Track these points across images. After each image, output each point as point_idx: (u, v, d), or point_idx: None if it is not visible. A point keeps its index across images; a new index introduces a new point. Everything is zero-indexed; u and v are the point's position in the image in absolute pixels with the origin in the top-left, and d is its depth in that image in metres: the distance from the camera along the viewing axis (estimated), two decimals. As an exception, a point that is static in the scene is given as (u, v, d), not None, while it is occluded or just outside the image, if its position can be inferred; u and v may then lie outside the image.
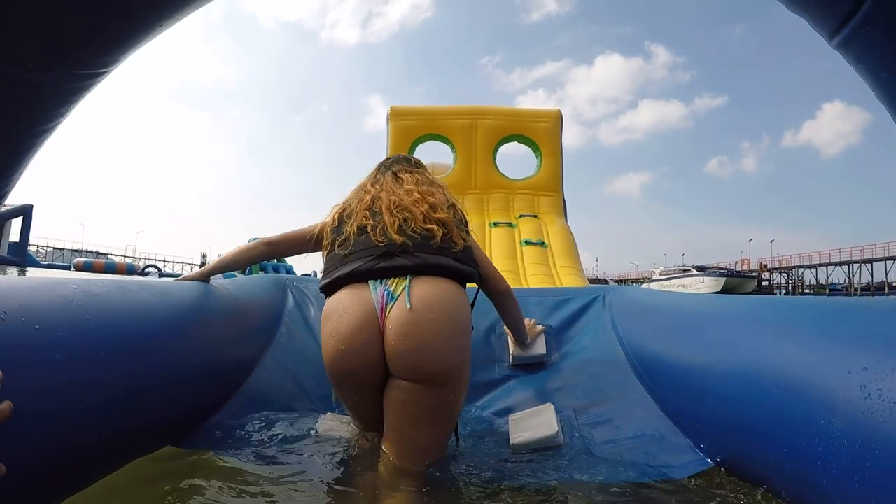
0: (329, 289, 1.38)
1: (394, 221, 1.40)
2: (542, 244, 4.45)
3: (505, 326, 1.90)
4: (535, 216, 4.96)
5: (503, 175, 5.26)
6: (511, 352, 1.89)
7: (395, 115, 4.96)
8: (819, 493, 0.87)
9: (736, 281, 46.90)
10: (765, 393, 1.03)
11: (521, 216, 4.89)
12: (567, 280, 4.12)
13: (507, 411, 1.63)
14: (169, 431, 1.32)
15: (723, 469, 1.21)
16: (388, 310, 1.24)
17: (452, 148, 5.07)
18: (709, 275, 49.04)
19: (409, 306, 1.22)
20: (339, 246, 1.42)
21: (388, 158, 1.70)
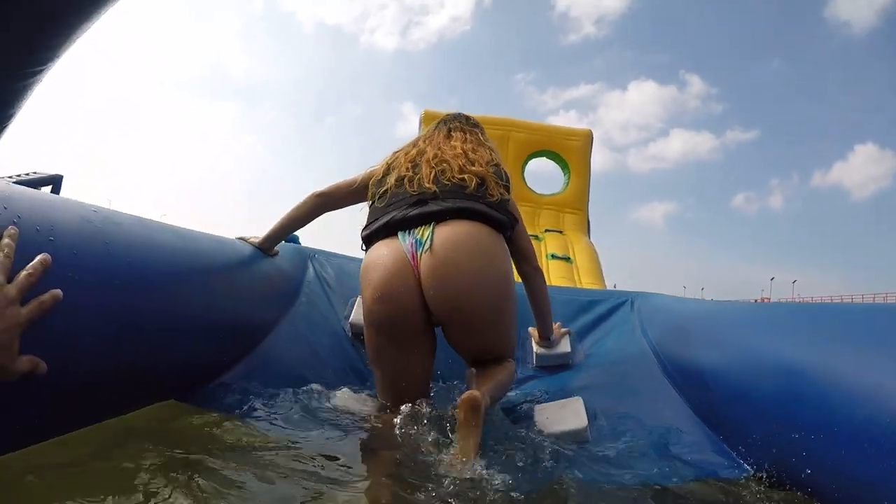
0: (368, 240, 1.43)
1: (430, 172, 1.43)
2: (567, 259, 4.39)
3: (529, 328, 1.85)
4: (561, 232, 4.91)
5: (531, 189, 5.23)
6: (535, 351, 1.83)
7: (429, 119, 4.94)
8: (883, 496, 0.79)
9: (754, 324, 45.94)
10: (819, 395, 0.96)
11: (546, 231, 4.83)
12: (593, 296, 4.05)
13: (531, 403, 1.56)
14: (176, 381, 1.27)
15: (764, 474, 1.13)
16: (419, 257, 1.27)
17: (482, 157, 5.06)
18: (727, 313, 48.19)
19: (430, 248, 1.26)
20: (378, 198, 1.47)
21: (448, 115, 1.72)
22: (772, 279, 63.76)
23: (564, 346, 1.82)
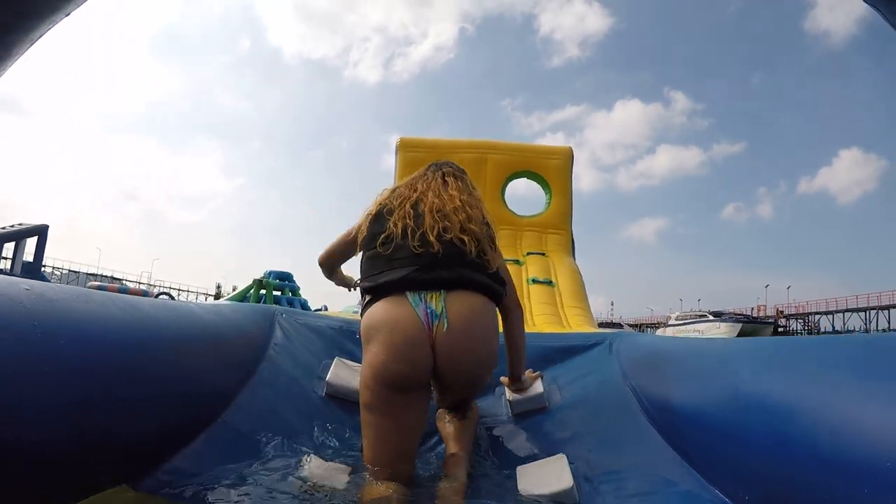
0: (373, 292, 1.46)
1: (434, 226, 1.49)
2: (549, 283, 4.32)
3: (502, 378, 1.81)
4: (543, 254, 4.85)
5: (511, 211, 5.21)
6: (508, 398, 1.76)
7: (405, 147, 4.95)
8: None
9: (752, 327, 46.10)
10: (811, 437, 0.92)
11: (528, 254, 4.78)
12: (575, 321, 3.97)
13: (513, 462, 1.50)
14: (126, 466, 1.19)
15: None
16: (434, 329, 1.38)
17: (461, 181, 5.04)
18: (725, 320, 48.24)
19: (446, 327, 1.37)
20: (381, 244, 1.50)
21: (438, 161, 1.78)
22: (766, 286, 63.90)
23: (537, 388, 1.76)
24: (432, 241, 1.45)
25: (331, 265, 1.90)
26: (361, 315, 1.50)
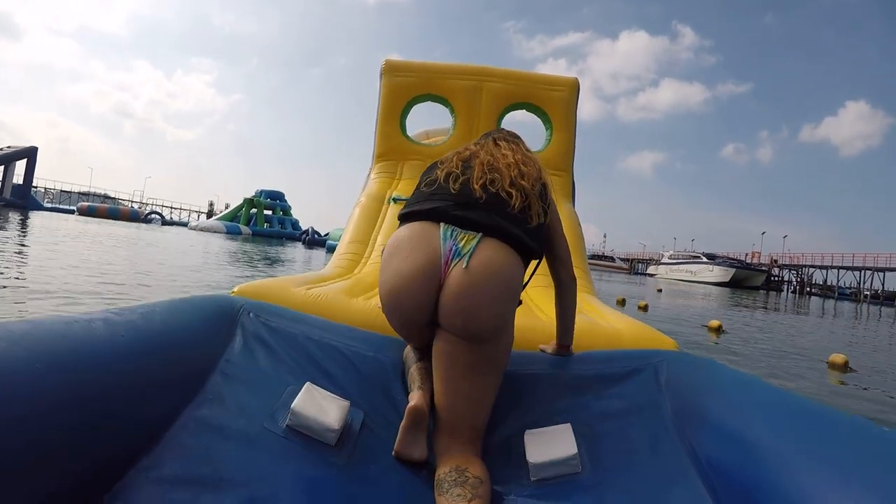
0: (406, 218, 1.47)
1: (481, 177, 1.46)
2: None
3: (526, 433, 1.38)
4: (540, 196, 4.41)
5: (508, 147, 4.70)
6: (529, 460, 1.28)
7: (390, 70, 4.38)
8: None
9: (745, 273, 46.44)
10: None
11: (522, 195, 4.34)
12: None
13: None
14: None
15: None
16: (451, 265, 1.31)
17: (452, 111, 4.50)
18: (718, 264, 48.53)
19: (465, 266, 1.30)
20: (425, 185, 1.52)
21: (492, 130, 1.75)
22: (763, 233, 63.67)
23: (567, 447, 1.29)
24: (475, 188, 1.43)
25: None
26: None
